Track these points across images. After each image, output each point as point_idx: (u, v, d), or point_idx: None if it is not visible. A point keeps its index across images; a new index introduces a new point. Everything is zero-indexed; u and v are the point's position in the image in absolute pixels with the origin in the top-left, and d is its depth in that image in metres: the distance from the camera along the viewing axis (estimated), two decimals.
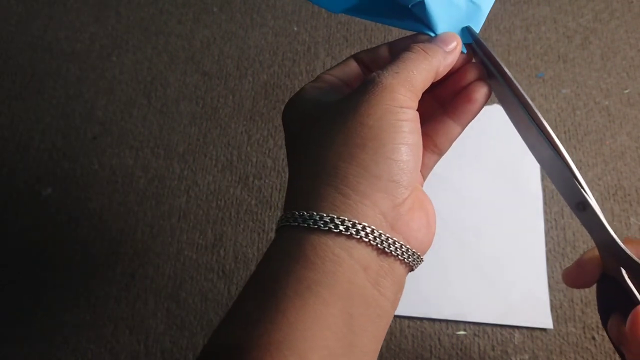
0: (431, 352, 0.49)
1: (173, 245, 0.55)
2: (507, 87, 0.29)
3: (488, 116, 0.58)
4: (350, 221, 0.24)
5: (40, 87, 0.64)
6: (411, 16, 0.30)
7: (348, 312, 0.24)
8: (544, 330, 0.49)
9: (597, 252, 0.30)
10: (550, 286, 0.51)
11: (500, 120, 0.31)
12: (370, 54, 0.31)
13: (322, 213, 0.25)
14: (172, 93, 0.63)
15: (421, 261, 0.28)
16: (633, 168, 0.56)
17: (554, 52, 0.62)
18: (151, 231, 0.56)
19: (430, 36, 0.30)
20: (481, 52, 0.30)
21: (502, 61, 0.29)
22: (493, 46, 0.63)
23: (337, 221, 0.24)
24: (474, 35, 0.30)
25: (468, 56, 0.31)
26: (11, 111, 0.63)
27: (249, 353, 0.22)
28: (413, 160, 0.26)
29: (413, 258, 0.26)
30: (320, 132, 0.27)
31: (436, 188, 0.56)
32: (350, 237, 0.24)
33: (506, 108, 0.30)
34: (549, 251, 0.52)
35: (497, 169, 0.56)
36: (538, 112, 0.28)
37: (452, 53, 0.29)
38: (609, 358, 0.48)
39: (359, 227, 0.24)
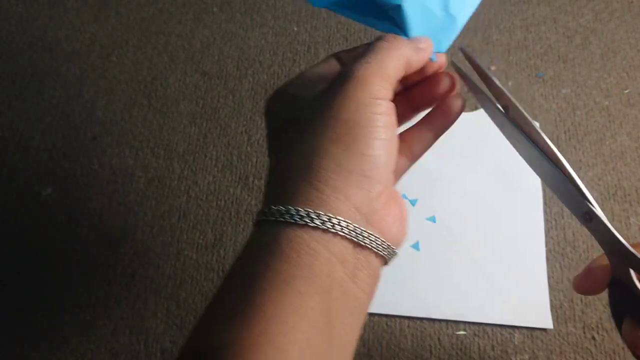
0: (431, 352, 0.49)
1: (173, 245, 0.55)
2: (495, 104, 0.30)
3: (488, 116, 0.59)
4: (325, 215, 0.25)
5: (40, 87, 0.64)
6: (388, 18, 0.31)
7: (326, 305, 0.24)
8: (544, 330, 0.49)
9: (606, 259, 0.30)
10: (550, 286, 0.51)
11: (499, 120, 0.31)
12: (350, 53, 0.32)
13: (298, 207, 0.25)
14: (172, 93, 0.63)
15: (395, 255, 0.28)
16: (633, 168, 0.56)
17: (554, 52, 0.62)
18: (151, 231, 0.56)
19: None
20: (471, 71, 0.31)
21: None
22: (493, 46, 0.63)
23: (313, 215, 0.24)
24: (466, 52, 0.31)
25: (439, 67, 0.32)
26: (11, 111, 0.63)
27: (229, 348, 0.22)
28: (386, 155, 0.26)
29: (388, 251, 0.27)
30: (297, 128, 0.27)
31: (436, 188, 0.56)
32: (326, 231, 0.25)
33: (500, 127, 0.31)
34: (549, 251, 0.52)
35: (497, 169, 0.56)
36: (532, 127, 0.29)
37: (423, 50, 0.29)
38: (609, 358, 0.48)
39: (334, 221, 0.25)
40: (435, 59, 0.31)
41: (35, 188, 0.58)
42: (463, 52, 0.32)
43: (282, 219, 0.25)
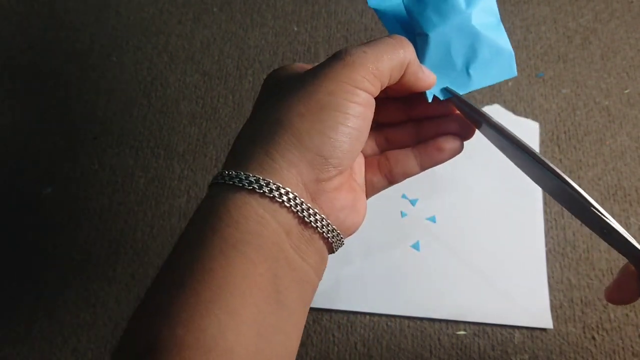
0: (431, 352, 0.49)
1: (173, 245, 0.55)
2: (501, 135, 0.29)
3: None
4: (274, 184, 0.25)
5: (40, 87, 0.64)
6: (411, 39, 0.30)
7: (273, 273, 0.24)
8: (544, 330, 0.49)
9: (632, 267, 0.30)
10: (550, 286, 0.51)
11: (499, 120, 0.31)
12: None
13: (249, 173, 0.25)
14: (172, 93, 0.63)
15: (342, 242, 0.28)
16: (633, 168, 0.56)
17: (554, 52, 0.62)
18: (151, 231, 0.56)
19: None
20: (467, 108, 0.30)
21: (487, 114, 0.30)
22: None
23: (262, 182, 0.25)
24: (454, 93, 0.31)
25: (447, 109, 0.32)
26: (11, 111, 0.63)
27: (179, 315, 0.22)
28: (349, 143, 0.26)
29: (333, 235, 0.27)
30: (273, 98, 0.27)
31: (436, 188, 0.56)
32: (273, 200, 0.25)
33: (509, 156, 0.31)
34: (549, 251, 0.52)
35: (497, 169, 0.56)
36: (541, 156, 0.29)
37: (425, 73, 0.29)
38: (609, 358, 0.48)
39: (282, 192, 0.25)
40: (430, 99, 0.30)
41: (35, 188, 0.58)
42: (457, 98, 0.31)
43: (231, 183, 0.25)
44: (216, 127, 0.61)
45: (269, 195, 0.25)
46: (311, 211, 0.26)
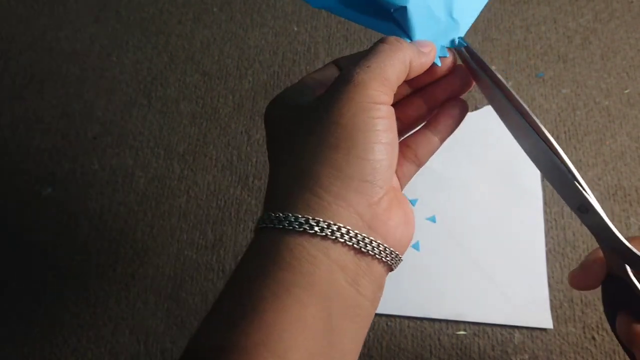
0: (431, 352, 0.49)
1: (173, 245, 0.55)
2: (500, 93, 0.29)
3: (488, 116, 0.59)
4: (325, 222, 0.24)
5: (40, 87, 0.64)
6: (391, 19, 0.30)
7: (327, 312, 0.24)
8: (544, 330, 0.49)
9: (601, 253, 0.30)
10: (550, 286, 0.51)
11: (499, 119, 0.30)
12: (350, 59, 0.31)
13: (297, 214, 0.25)
14: (172, 93, 0.63)
15: (400, 260, 0.28)
16: (633, 168, 0.56)
17: (554, 52, 0.62)
18: (151, 231, 0.56)
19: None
20: (472, 60, 0.30)
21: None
22: (493, 46, 0.63)
23: (312, 222, 0.24)
24: (464, 43, 0.31)
25: (448, 68, 0.31)
26: (11, 111, 0.63)
27: (229, 355, 0.22)
28: (387, 159, 0.26)
29: (391, 257, 0.26)
30: (296, 134, 0.27)
31: (436, 188, 0.56)
32: (325, 238, 0.24)
33: (501, 114, 0.30)
34: (549, 251, 0.52)
35: (497, 169, 0.56)
36: (534, 116, 0.28)
37: (426, 55, 0.29)
38: (609, 358, 0.48)
39: (334, 228, 0.24)
40: (439, 64, 0.30)
41: (35, 188, 0.58)
42: (466, 49, 0.31)
43: (281, 226, 0.25)
44: (216, 127, 0.61)
45: (321, 234, 0.24)
46: (367, 240, 0.25)
